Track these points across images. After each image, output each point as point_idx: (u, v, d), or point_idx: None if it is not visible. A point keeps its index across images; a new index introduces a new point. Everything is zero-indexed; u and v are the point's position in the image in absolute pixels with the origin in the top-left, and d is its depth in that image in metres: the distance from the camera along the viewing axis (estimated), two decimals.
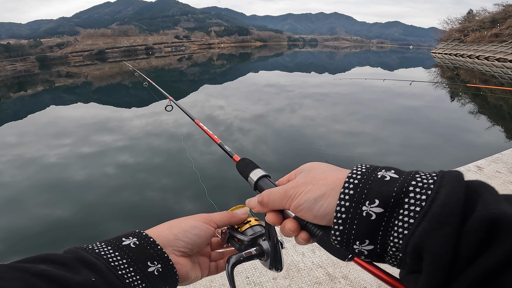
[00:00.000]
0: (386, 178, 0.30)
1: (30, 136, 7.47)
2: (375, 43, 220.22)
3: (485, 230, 0.23)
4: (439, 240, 0.24)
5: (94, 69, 34.67)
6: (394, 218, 0.28)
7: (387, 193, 0.28)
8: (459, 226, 0.24)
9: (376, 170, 0.31)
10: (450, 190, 0.26)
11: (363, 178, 0.31)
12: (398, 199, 0.28)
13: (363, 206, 0.29)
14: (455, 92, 11.79)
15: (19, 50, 61.81)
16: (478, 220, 0.23)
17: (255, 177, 0.47)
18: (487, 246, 0.22)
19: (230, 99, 11.10)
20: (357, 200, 0.30)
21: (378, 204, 0.28)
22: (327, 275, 1.73)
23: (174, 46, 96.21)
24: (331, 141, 6.14)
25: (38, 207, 3.96)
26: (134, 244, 0.38)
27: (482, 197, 0.25)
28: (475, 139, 6.17)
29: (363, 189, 0.30)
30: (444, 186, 0.26)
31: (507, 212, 0.23)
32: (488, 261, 0.22)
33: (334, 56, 47.75)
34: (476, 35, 37.42)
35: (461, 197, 0.25)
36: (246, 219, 0.50)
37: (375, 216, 0.29)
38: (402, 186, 0.28)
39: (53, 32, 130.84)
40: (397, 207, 0.28)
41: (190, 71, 26.57)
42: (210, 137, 0.97)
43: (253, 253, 0.47)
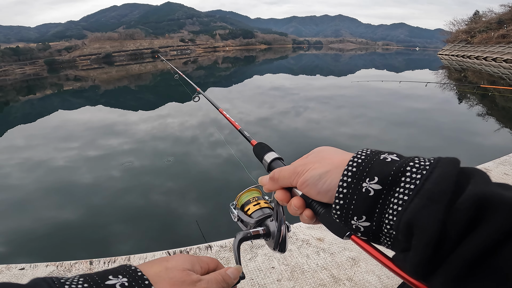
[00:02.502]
0: (387, 159, 0.31)
1: (39, 139, 7.58)
2: (381, 45, 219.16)
3: (474, 208, 0.23)
4: (429, 215, 0.25)
5: (101, 73, 35.12)
6: (391, 196, 0.29)
7: (386, 171, 0.30)
8: (449, 204, 0.25)
9: (380, 153, 0.33)
10: (443, 171, 0.27)
11: (366, 159, 0.33)
12: (395, 178, 0.29)
13: (363, 183, 0.31)
14: (465, 93, 11.69)
15: (28, 54, 62.82)
16: (467, 199, 0.24)
17: (269, 159, 0.51)
18: (477, 225, 0.23)
19: (235, 102, 11.15)
20: (359, 177, 0.32)
21: (377, 181, 0.30)
22: (332, 277, 1.74)
23: (179, 49, 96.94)
24: (336, 144, 6.11)
25: (45, 209, 4.01)
26: (120, 286, 0.30)
27: (473, 179, 0.26)
28: (484, 141, 6.10)
29: (365, 168, 0.32)
30: (439, 167, 0.27)
31: (495, 192, 0.23)
32: (476, 240, 0.22)
33: (339, 59, 47.63)
34: (483, 36, 37.08)
35: (453, 177, 0.26)
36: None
37: (373, 192, 0.30)
38: (400, 166, 0.30)
39: (61, 35, 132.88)
40: (394, 185, 0.29)
41: (196, 74, 26.74)
42: (232, 123, 1.05)
43: (260, 232, 0.50)
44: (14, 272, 1.85)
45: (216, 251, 1.95)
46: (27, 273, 1.83)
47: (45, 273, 1.81)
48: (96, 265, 1.84)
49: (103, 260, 1.88)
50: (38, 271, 1.83)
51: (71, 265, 1.86)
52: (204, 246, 1.99)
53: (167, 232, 3.35)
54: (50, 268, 1.84)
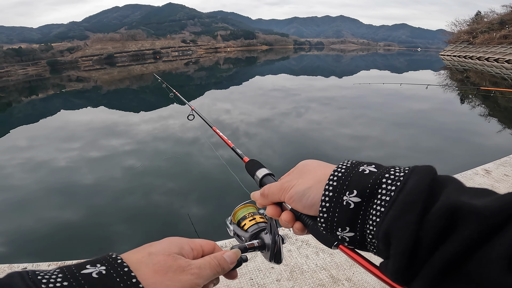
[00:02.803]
0: (365, 171, 0.33)
1: (40, 140, 7.63)
2: (382, 46, 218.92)
3: (445, 219, 0.25)
4: (402, 226, 0.26)
5: (103, 74, 35.24)
6: (370, 207, 0.31)
7: (364, 184, 0.32)
8: (421, 214, 0.26)
9: (359, 165, 0.35)
10: (416, 181, 0.28)
11: (346, 172, 0.34)
12: (373, 190, 0.31)
13: (344, 196, 0.33)
14: (466, 95, 11.67)
15: (30, 55, 62.99)
16: (438, 210, 0.25)
17: (260, 175, 0.53)
18: (449, 233, 0.24)
19: (237, 103, 11.18)
20: (339, 190, 0.33)
21: (356, 194, 0.32)
22: (331, 278, 1.76)
23: (181, 50, 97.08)
24: (337, 145, 6.14)
25: (47, 209, 4.03)
26: (97, 274, 0.29)
27: (446, 188, 0.27)
28: (485, 142, 6.10)
29: (345, 181, 0.33)
30: (412, 178, 0.29)
31: (465, 202, 0.24)
32: (448, 248, 0.24)
33: (340, 59, 47.62)
34: (485, 37, 36.91)
35: (425, 187, 0.27)
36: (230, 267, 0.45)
37: (353, 205, 0.32)
38: (377, 178, 0.31)
39: (64, 36, 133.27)
40: (372, 197, 0.31)
41: (197, 75, 26.82)
42: (225, 141, 1.10)
43: (255, 244, 0.52)
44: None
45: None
46: None
47: None
48: None
49: None
50: None
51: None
52: None
53: (168, 232, 3.37)
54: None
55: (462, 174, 3.14)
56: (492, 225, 0.23)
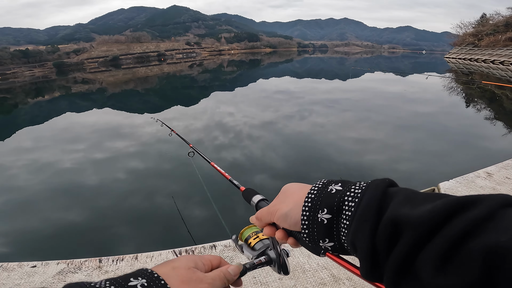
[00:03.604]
0: (332, 191, 0.39)
1: (46, 141, 7.74)
2: (387, 48, 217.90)
3: (390, 229, 0.30)
4: (361, 236, 0.32)
5: (109, 76, 35.56)
6: (339, 221, 0.37)
7: (331, 203, 0.38)
8: (374, 225, 0.31)
9: (328, 185, 0.41)
10: (368, 198, 0.34)
11: (317, 193, 0.40)
12: (338, 207, 0.37)
13: (318, 214, 0.39)
14: (472, 97, 11.63)
15: (37, 56, 63.61)
16: (383, 222, 0.31)
17: (255, 201, 0.62)
18: (397, 240, 0.29)
19: (240, 106, 11.23)
20: (314, 210, 0.39)
21: (326, 212, 0.38)
22: (332, 277, 1.79)
23: (185, 52, 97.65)
24: (341, 148, 6.15)
25: (51, 210, 4.09)
26: (141, 286, 0.35)
27: (393, 201, 0.32)
28: (487, 145, 6.08)
29: (317, 201, 0.40)
30: (366, 195, 0.34)
31: (403, 213, 0.29)
32: (395, 254, 0.29)
33: (344, 62, 47.55)
34: (491, 39, 36.62)
35: (374, 203, 0.33)
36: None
37: (326, 221, 0.38)
38: (341, 197, 0.37)
39: (70, 38, 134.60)
40: (339, 213, 0.37)
41: (201, 77, 26.96)
42: (222, 174, 1.21)
43: (263, 261, 0.58)
44: (26, 269, 1.91)
45: (220, 250, 2.01)
46: (39, 271, 1.89)
47: (56, 270, 1.87)
48: (105, 263, 1.91)
49: (112, 258, 1.95)
50: (50, 269, 1.89)
51: (81, 263, 1.93)
52: (208, 245, 2.05)
53: (171, 232, 3.42)
54: (61, 266, 1.91)
55: (464, 177, 3.15)
56: (424, 232, 0.27)
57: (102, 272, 1.83)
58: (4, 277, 1.84)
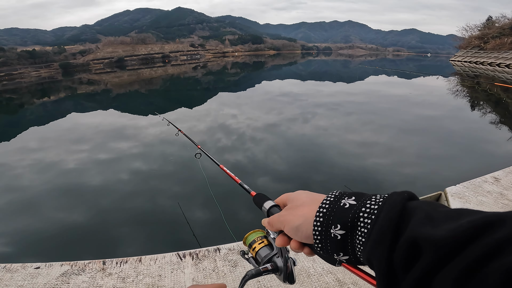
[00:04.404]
0: (346, 206, 0.38)
1: (51, 142, 7.79)
2: (391, 51, 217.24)
3: (408, 250, 0.29)
4: (377, 256, 0.31)
5: (114, 77, 35.82)
6: (353, 237, 0.36)
7: (344, 219, 0.37)
8: (391, 245, 0.30)
9: (341, 199, 0.40)
10: (385, 217, 0.32)
11: (330, 207, 0.40)
12: (353, 223, 0.36)
13: (330, 229, 0.38)
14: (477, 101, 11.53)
15: (43, 57, 64.11)
16: (402, 243, 0.30)
17: (267, 207, 0.60)
18: (416, 259, 0.28)
19: (243, 108, 11.22)
20: (326, 225, 0.39)
21: (340, 228, 0.37)
22: (337, 281, 1.77)
23: (189, 54, 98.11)
24: (344, 151, 6.11)
25: (55, 211, 4.11)
26: None
27: (413, 219, 0.31)
28: (494, 150, 6.01)
29: (329, 216, 0.39)
30: (383, 212, 0.33)
31: (424, 233, 0.28)
32: (414, 275, 0.28)
33: (348, 65, 47.43)
34: (497, 42, 36.41)
35: (392, 222, 0.32)
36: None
37: (340, 236, 0.37)
38: (355, 212, 0.36)
39: (76, 39, 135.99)
40: (354, 229, 0.36)
41: (205, 79, 27.05)
42: (232, 178, 1.15)
43: (269, 268, 0.57)
44: (29, 271, 1.91)
45: (224, 254, 2.00)
46: (42, 272, 1.88)
47: (60, 272, 1.87)
48: (109, 265, 1.91)
49: (116, 260, 1.94)
50: (53, 270, 1.89)
51: (84, 265, 1.93)
52: (212, 248, 2.04)
53: (175, 234, 3.42)
54: (64, 268, 1.91)
55: (471, 181, 3.12)
56: (447, 253, 0.26)
57: (105, 274, 1.83)
58: (7, 278, 1.84)
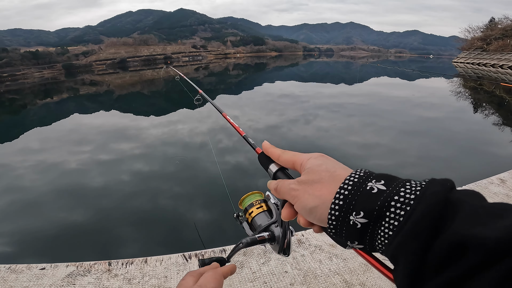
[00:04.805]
0: (373, 190, 0.33)
1: (53, 142, 7.81)
2: (393, 53, 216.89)
3: (449, 251, 0.25)
4: (408, 253, 0.27)
5: (116, 78, 35.94)
6: (378, 228, 0.31)
7: (371, 206, 0.32)
8: (428, 243, 0.27)
9: (366, 181, 0.34)
10: (425, 209, 0.28)
11: (353, 189, 0.34)
12: (380, 212, 0.31)
13: (350, 216, 0.33)
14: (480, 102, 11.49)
15: (47, 58, 64.44)
16: (446, 241, 0.26)
17: (274, 169, 0.51)
18: (457, 258, 0.25)
19: (245, 109, 11.23)
20: (345, 210, 0.33)
21: (363, 215, 0.32)
22: (344, 282, 1.76)
23: (191, 55, 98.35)
24: (346, 153, 6.09)
25: (60, 211, 4.12)
26: None
27: (457, 216, 0.27)
28: (500, 151, 5.98)
29: (351, 201, 0.33)
30: (422, 203, 0.29)
31: (475, 235, 0.24)
32: (449, 274, 0.25)
33: (350, 66, 47.39)
34: (499, 44, 36.26)
35: (433, 217, 0.27)
36: None
37: (360, 225, 0.32)
38: (385, 201, 0.31)
39: (79, 40, 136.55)
40: (380, 219, 0.31)
41: (206, 80, 27.07)
42: (236, 129, 1.02)
43: (266, 237, 0.53)
44: (35, 272, 1.92)
45: None
46: (48, 273, 1.89)
47: (66, 273, 1.87)
48: (115, 266, 1.91)
49: (121, 262, 1.94)
50: (59, 271, 1.90)
51: (90, 266, 1.93)
52: (218, 249, 2.04)
53: (181, 235, 3.42)
54: (70, 269, 1.91)
55: (477, 183, 3.11)
56: (495, 255, 0.23)
57: (111, 275, 1.83)
58: (12, 279, 1.84)
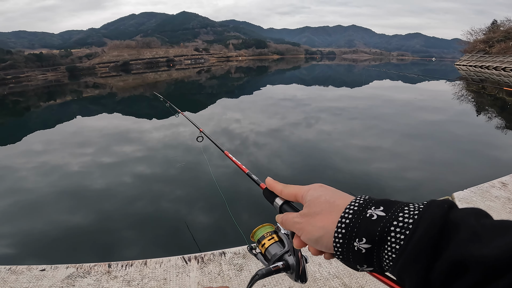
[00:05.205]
0: (373, 217, 0.34)
1: (56, 145, 7.84)
2: (395, 56, 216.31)
3: (453, 268, 0.27)
4: (412, 273, 0.29)
5: (119, 80, 36.14)
6: (381, 251, 0.33)
7: (372, 232, 0.33)
8: (430, 262, 0.28)
9: (366, 208, 0.36)
10: (423, 234, 0.29)
11: (353, 218, 0.36)
12: (381, 237, 0.33)
13: (354, 242, 0.35)
14: (483, 105, 11.45)
15: (50, 60, 64.74)
16: (446, 261, 0.27)
17: (279, 203, 0.53)
18: (458, 277, 0.26)
19: (247, 112, 11.25)
20: (349, 237, 0.35)
21: (365, 241, 0.34)
22: (343, 286, 1.75)
23: (193, 58, 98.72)
24: (348, 156, 6.08)
25: (60, 213, 4.13)
26: None
27: (455, 237, 0.28)
28: (501, 155, 5.95)
29: (353, 228, 0.35)
30: (420, 228, 0.30)
31: (472, 254, 0.26)
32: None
33: (352, 69, 47.41)
34: (502, 46, 36.15)
35: (431, 240, 0.29)
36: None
37: (364, 250, 0.34)
38: (385, 226, 0.33)
39: (83, 42, 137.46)
40: (382, 243, 0.33)
41: (209, 83, 27.18)
42: (239, 167, 1.02)
43: (280, 267, 0.54)
44: (35, 273, 1.92)
45: (230, 257, 1.99)
46: (48, 274, 1.90)
47: (66, 274, 1.88)
48: (114, 268, 1.91)
49: (121, 264, 1.94)
50: (59, 273, 1.90)
51: (90, 268, 1.93)
52: (218, 252, 2.03)
53: (181, 237, 3.41)
54: (70, 270, 1.92)
55: (479, 187, 3.10)
56: (495, 273, 0.24)
57: (111, 277, 1.83)
58: (12, 280, 1.85)
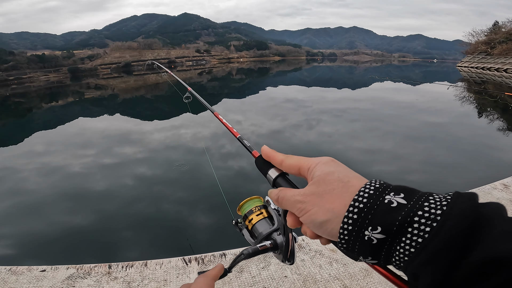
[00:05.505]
0: (392, 204, 0.29)
1: (57, 146, 7.87)
2: (397, 57, 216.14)
3: (485, 266, 0.23)
4: (435, 271, 0.25)
5: (121, 82, 36.26)
6: (397, 244, 0.28)
7: (390, 221, 0.28)
8: (457, 261, 0.24)
9: (384, 193, 0.31)
10: (455, 225, 0.25)
11: (368, 202, 0.31)
12: (401, 228, 0.28)
13: (365, 231, 0.30)
14: (484, 107, 11.43)
15: (53, 61, 65.12)
16: (479, 257, 0.24)
17: (273, 176, 0.46)
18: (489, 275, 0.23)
19: (248, 114, 11.26)
20: (360, 225, 0.30)
21: (380, 231, 0.29)
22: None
23: (195, 60, 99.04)
24: (349, 158, 6.07)
25: (61, 214, 4.14)
26: None
27: (488, 235, 0.25)
28: (503, 157, 5.94)
29: (367, 215, 0.30)
30: (449, 221, 0.26)
31: (508, 253, 0.23)
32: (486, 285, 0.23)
33: (353, 71, 47.38)
34: (503, 47, 36.13)
35: (464, 232, 0.25)
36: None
37: (376, 241, 0.29)
38: (407, 215, 0.28)
39: (85, 44, 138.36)
40: (400, 235, 0.28)
41: (210, 85, 27.21)
42: (229, 130, 0.89)
43: (268, 246, 0.50)
44: (35, 273, 1.93)
45: (230, 259, 1.99)
46: (48, 275, 1.90)
47: (66, 275, 1.88)
48: (115, 269, 1.91)
49: (121, 265, 1.95)
50: (59, 274, 1.91)
51: (90, 269, 1.94)
52: (218, 253, 2.03)
53: (181, 239, 3.42)
54: (70, 271, 1.92)
55: (480, 188, 3.10)
56: None
57: (111, 278, 1.83)
58: (12, 281, 1.85)
